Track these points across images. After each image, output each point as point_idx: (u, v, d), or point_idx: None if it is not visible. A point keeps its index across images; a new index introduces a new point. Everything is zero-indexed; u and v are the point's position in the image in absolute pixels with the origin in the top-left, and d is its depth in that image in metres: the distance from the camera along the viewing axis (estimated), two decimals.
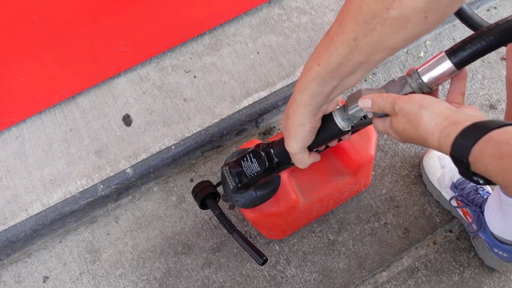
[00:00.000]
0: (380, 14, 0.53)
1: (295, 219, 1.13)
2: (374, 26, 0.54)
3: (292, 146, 0.74)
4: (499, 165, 0.46)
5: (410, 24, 0.54)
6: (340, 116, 0.72)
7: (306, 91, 0.66)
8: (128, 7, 1.21)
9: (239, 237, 0.94)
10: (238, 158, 0.88)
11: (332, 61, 0.61)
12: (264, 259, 0.92)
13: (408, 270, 1.19)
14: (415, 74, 0.63)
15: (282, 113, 1.36)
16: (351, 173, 1.12)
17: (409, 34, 0.55)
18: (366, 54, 0.58)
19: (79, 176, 1.25)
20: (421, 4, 0.51)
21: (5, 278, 1.23)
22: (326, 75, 0.62)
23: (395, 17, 0.53)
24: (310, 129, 0.71)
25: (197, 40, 1.39)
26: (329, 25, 1.40)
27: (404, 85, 0.64)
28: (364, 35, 0.56)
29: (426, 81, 0.62)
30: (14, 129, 1.30)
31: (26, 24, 1.11)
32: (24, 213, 1.21)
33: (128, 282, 1.21)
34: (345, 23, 0.57)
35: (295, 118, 0.70)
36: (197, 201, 1.01)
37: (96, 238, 1.26)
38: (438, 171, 1.21)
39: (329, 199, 1.15)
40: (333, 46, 0.60)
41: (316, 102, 0.67)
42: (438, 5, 0.52)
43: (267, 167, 0.84)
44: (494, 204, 1.05)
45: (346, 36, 0.57)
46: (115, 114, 1.31)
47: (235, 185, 0.88)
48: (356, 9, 0.55)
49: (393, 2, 0.52)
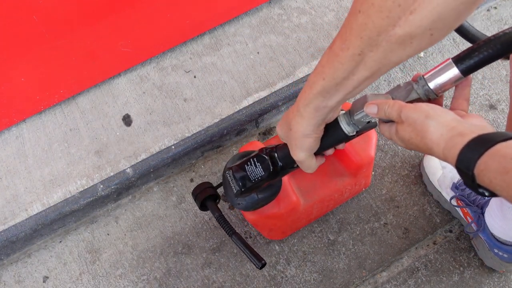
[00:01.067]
0: (385, 31, 0.53)
1: (296, 220, 1.13)
2: (380, 43, 0.55)
3: (299, 155, 0.75)
4: (505, 180, 0.46)
5: (416, 41, 0.54)
6: (345, 121, 0.72)
7: (311, 104, 0.66)
8: (128, 7, 1.21)
9: (238, 240, 0.94)
10: (242, 162, 0.87)
11: (338, 76, 0.61)
12: (262, 263, 0.91)
13: (408, 270, 1.19)
14: (421, 80, 0.63)
15: (282, 113, 1.37)
16: (351, 174, 1.12)
17: (414, 50, 0.55)
18: (372, 69, 0.58)
19: (79, 176, 1.25)
20: (427, 23, 0.51)
21: (5, 278, 1.23)
22: (331, 89, 0.63)
23: (401, 35, 0.53)
24: (315, 139, 0.72)
25: (197, 40, 1.39)
26: (329, 25, 1.40)
27: (410, 91, 0.64)
28: (369, 51, 0.56)
29: (433, 87, 0.62)
30: (14, 129, 1.30)
31: (26, 24, 1.11)
32: (24, 213, 1.21)
33: (128, 282, 1.21)
34: (349, 39, 0.57)
35: (299, 130, 0.71)
36: (197, 203, 1.01)
37: (96, 238, 1.26)
38: (438, 171, 1.21)
39: (329, 200, 1.15)
40: (338, 61, 0.60)
41: (321, 114, 0.68)
42: (443, 23, 0.52)
43: (272, 171, 0.84)
44: (495, 204, 1.05)
45: (351, 51, 0.58)
46: (115, 114, 1.31)
47: (238, 189, 0.87)
48: (361, 26, 0.55)
49: (399, 20, 0.52)
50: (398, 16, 0.51)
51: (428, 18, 0.51)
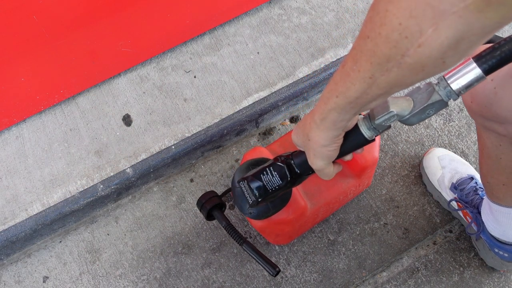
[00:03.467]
0: (395, 59, 0.52)
1: (303, 224, 1.13)
2: (391, 68, 0.53)
3: (318, 164, 0.75)
4: None
5: (427, 68, 0.52)
6: (366, 126, 0.72)
7: (328, 119, 0.66)
8: (128, 7, 1.21)
9: (250, 248, 0.92)
10: (257, 172, 0.86)
11: (350, 95, 0.60)
12: (277, 270, 0.90)
13: (408, 271, 1.19)
14: (442, 81, 0.62)
15: (282, 113, 1.37)
16: (355, 176, 1.12)
17: (427, 75, 0.54)
18: (385, 89, 0.57)
19: (79, 176, 1.25)
20: (437, 54, 0.50)
21: (5, 278, 1.23)
22: (345, 106, 0.62)
23: (411, 63, 0.51)
24: (334, 148, 0.72)
25: (197, 40, 1.39)
26: (329, 25, 1.40)
27: (432, 92, 0.63)
28: (380, 75, 0.55)
29: (455, 88, 0.61)
30: (14, 129, 1.30)
31: (26, 24, 1.11)
32: (24, 213, 1.21)
33: (128, 282, 1.21)
34: (360, 62, 0.56)
35: (318, 141, 0.70)
36: (203, 213, 1.00)
37: (96, 238, 1.26)
38: (438, 171, 1.21)
39: (334, 202, 1.15)
40: (349, 81, 0.59)
41: (339, 127, 0.68)
42: (455, 51, 0.50)
43: (289, 180, 0.83)
44: (487, 209, 1.05)
45: (362, 74, 0.57)
46: (115, 114, 1.31)
47: (255, 199, 0.86)
48: (370, 51, 0.54)
49: (407, 50, 0.50)
50: (406, 48, 0.50)
51: (438, 50, 0.49)
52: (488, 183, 0.97)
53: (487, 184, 0.98)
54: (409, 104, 0.65)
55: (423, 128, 1.34)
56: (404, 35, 0.49)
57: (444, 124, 1.34)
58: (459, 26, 0.46)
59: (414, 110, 0.65)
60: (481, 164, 0.96)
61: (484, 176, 0.97)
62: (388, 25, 0.50)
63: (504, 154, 0.86)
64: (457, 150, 1.31)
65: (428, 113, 0.64)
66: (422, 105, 0.64)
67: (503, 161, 0.88)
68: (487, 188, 0.99)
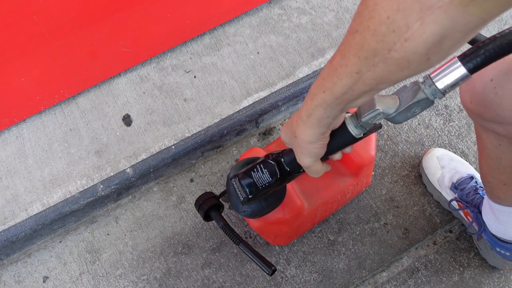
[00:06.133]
0: (381, 53, 0.53)
1: (301, 224, 1.13)
2: (377, 63, 0.54)
3: (305, 161, 0.75)
4: None
5: (413, 65, 0.53)
6: (353, 124, 0.72)
7: (314, 115, 0.67)
8: (128, 7, 1.21)
9: (246, 248, 0.93)
10: (248, 169, 0.86)
11: (336, 91, 0.61)
12: (272, 269, 0.90)
13: (408, 271, 1.19)
14: (428, 80, 0.62)
15: (282, 113, 1.37)
16: (352, 174, 1.12)
17: (412, 72, 0.55)
18: (371, 85, 0.58)
19: (79, 176, 1.25)
20: (422, 50, 0.51)
21: (5, 278, 1.23)
22: (331, 102, 0.63)
23: (397, 58, 0.52)
24: (320, 145, 0.72)
25: (197, 40, 1.39)
26: (329, 25, 1.40)
27: (417, 91, 0.64)
28: (367, 70, 0.56)
29: (440, 87, 0.61)
30: (14, 129, 1.30)
31: (26, 24, 1.11)
32: (24, 213, 1.21)
33: (128, 282, 1.21)
34: (348, 56, 0.57)
35: (304, 138, 0.71)
36: (201, 214, 1.00)
37: (96, 238, 1.26)
38: (437, 171, 1.21)
39: (332, 201, 1.15)
40: (336, 77, 0.60)
41: (325, 124, 0.68)
42: (439, 48, 0.51)
43: (279, 177, 0.84)
44: (488, 208, 1.05)
45: (349, 69, 0.57)
46: (115, 114, 1.31)
47: (245, 196, 0.86)
48: (357, 45, 0.55)
49: (394, 44, 0.51)
50: (393, 42, 0.51)
51: (423, 46, 0.50)
52: (489, 182, 0.97)
53: (487, 184, 0.98)
54: (395, 102, 0.65)
55: (423, 128, 1.34)
56: (392, 28, 0.50)
57: (444, 124, 1.34)
58: (444, 21, 0.47)
59: (400, 108, 0.65)
60: (481, 164, 0.96)
61: (485, 176, 0.97)
62: (376, 18, 0.51)
63: (504, 154, 0.86)
64: (457, 150, 1.31)
65: (414, 111, 0.65)
66: (407, 103, 0.64)
67: (504, 161, 0.88)
68: (488, 188, 0.99)
